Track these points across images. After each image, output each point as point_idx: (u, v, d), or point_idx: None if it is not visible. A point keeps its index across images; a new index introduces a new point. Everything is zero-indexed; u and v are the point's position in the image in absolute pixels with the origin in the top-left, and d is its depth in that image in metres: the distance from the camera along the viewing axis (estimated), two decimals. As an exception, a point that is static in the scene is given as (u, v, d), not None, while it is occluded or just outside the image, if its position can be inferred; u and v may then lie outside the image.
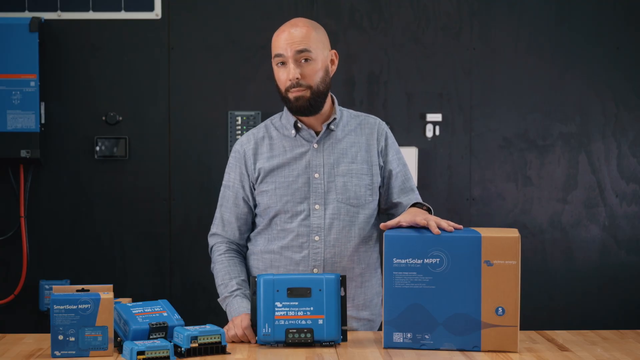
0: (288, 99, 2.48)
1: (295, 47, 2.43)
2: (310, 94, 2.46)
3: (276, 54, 2.47)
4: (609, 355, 2.19)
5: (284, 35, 2.46)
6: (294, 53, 2.44)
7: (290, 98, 2.47)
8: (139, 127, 4.01)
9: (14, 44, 3.85)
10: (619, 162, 4.09)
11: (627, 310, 4.09)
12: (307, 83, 2.45)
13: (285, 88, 2.47)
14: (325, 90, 2.50)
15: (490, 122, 4.07)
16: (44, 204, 4.00)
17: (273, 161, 2.53)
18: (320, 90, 2.48)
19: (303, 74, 2.44)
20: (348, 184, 2.51)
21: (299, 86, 2.44)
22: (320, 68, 2.47)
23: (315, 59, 2.46)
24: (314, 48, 2.46)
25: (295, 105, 2.47)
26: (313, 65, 2.46)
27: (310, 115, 2.51)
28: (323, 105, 2.52)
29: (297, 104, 2.47)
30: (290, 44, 2.44)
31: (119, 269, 4.02)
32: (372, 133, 2.58)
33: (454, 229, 2.25)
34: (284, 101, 2.51)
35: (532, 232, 4.08)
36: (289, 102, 2.48)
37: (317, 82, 2.47)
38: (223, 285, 2.52)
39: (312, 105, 2.47)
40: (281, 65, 2.47)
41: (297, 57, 2.44)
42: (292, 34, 2.45)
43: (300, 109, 2.48)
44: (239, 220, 2.58)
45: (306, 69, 2.45)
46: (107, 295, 2.13)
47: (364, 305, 2.56)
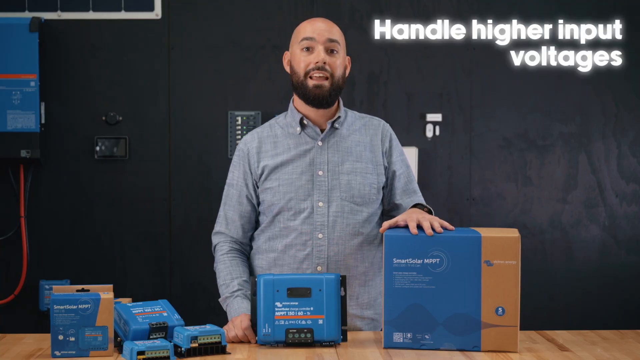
0: (306, 86, 2.48)
1: (328, 35, 2.48)
2: (330, 84, 2.47)
3: (304, 37, 2.48)
4: (609, 355, 2.19)
5: (316, 24, 2.50)
6: (326, 40, 2.47)
7: (310, 85, 2.47)
8: (139, 127, 4.02)
9: (14, 44, 3.85)
10: (619, 162, 4.09)
11: (627, 310, 4.09)
12: (331, 71, 2.47)
13: (307, 71, 2.47)
14: (341, 87, 2.53)
15: (490, 122, 4.07)
16: (44, 204, 4.00)
17: (277, 158, 2.53)
18: (339, 85, 2.51)
19: (329, 62, 2.47)
20: (352, 182, 2.51)
21: (323, 70, 2.46)
22: (341, 64, 2.51)
23: (340, 54, 2.51)
24: (341, 44, 2.52)
25: (314, 92, 2.47)
26: (338, 58, 2.50)
27: (322, 108, 2.50)
28: (335, 102, 2.53)
29: (316, 92, 2.47)
30: (324, 31, 2.48)
31: (119, 269, 4.02)
32: (376, 134, 2.58)
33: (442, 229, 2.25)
34: (299, 87, 2.49)
35: (532, 232, 4.09)
36: (306, 90, 2.48)
37: (339, 76, 2.50)
38: (224, 286, 2.52)
39: (330, 96, 2.48)
40: (306, 50, 2.48)
41: (327, 45, 2.48)
42: (326, 25, 2.50)
43: (318, 98, 2.47)
44: (242, 218, 2.58)
45: (332, 59, 2.48)
46: (107, 295, 2.13)
47: (368, 304, 2.56)
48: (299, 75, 2.49)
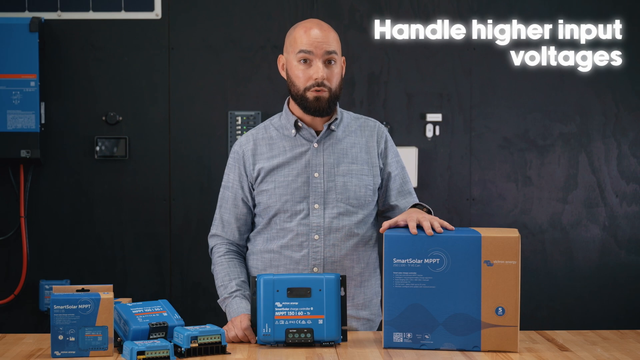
0: (306, 98, 2.47)
1: (325, 47, 2.44)
2: (329, 96, 2.46)
3: (302, 50, 2.44)
4: (609, 355, 2.19)
5: (314, 33, 2.44)
6: (324, 53, 2.44)
7: (309, 97, 2.46)
8: (139, 127, 4.02)
9: (14, 44, 3.85)
10: (619, 162, 4.09)
11: (627, 310, 4.09)
12: (329, 85, 2.46)
13: (306, 87, 2.46)
14: (339, 95, 2.51)
15: (490, 122, 4.07)
16: (44, 204, 4.00)
17: (273, 161, 2.53)
18: (337, 93, 2.50)
19: (327, 76, 2.45)
20: (348, 184, 2.51)
21: (322, 86, 2.45)
22: (339, 72, 2.50)
23: (338, 62, 2.49)
24: (338, 51, 2.48)
25: (314, 105, 2.46)
26: (336, 68, 2.48)
27: (321, 117, 2.51)
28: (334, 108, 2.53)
29: (316, 104, 2.46)
30: (321, 43, 2.43)
31: (119, 269, 4.02)
32: (372, 135, 2.58)
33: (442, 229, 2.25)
34: (298, 99, 2.48)
35: (532, 232, 4.09)
36: (306, 101, 2.47)
37: (336, 86, 2.49)
38: (223, 287, 2.52)
39: (329, 107, 2.48)
40: (304, 63, 2.45)
41: (326, 58, 2.45)
42: (322, 34, 2.45)
43: (318, 110, 2.47)
44: (238, 220, 2.58)
45: (331, 72, 2.46)
46: (107, 295, 2.13)
47: (364, 304, 2.56)
48: (298, 89, 2.48)
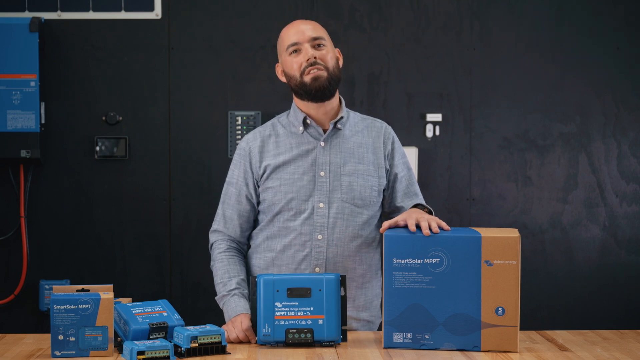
0: (304, 83, 2.49)
1: (310, 34, 2.50)
2: (327, 75, 2.49)
3: (290, 44, 2.50)
4: (609, 355, 2.19)
5: (295, 27, 2.52)
6: (309, 39, 2.50)
7: (307, 81, 2.48)
8: (139, 127, 4.01)
9: (14, 44, 3.85)
10: (619, 162, 4.09)
11: (627, 310, 4.09)
12: (325, 64, 2.49)
13: (302, 71, 2.48)
14: (339, 77, 2.54)
15: (490, 122, 4.07)
16: (44, 204, 4.00)
17: (279, 158, 2.53)
18: (336, 74, 2.52)
19: (319, 56, 2.49)
20: (354, 184, 2.51)
21: (316, 64, 2.47)
22: (332, 56, 2.53)
23: (327, 46, 2.52)
24: (325, 38, 2.53)
25: (314, 85, 2.48)
26: (327, 50, 2.51)
27: (325, 100, 2.50)
28: (336, 92, 2.54)
29: (316, 84, 2.47)
30: (305, 31, 2.50)
31: (119, 269, 4.02)
32: (379, 136, 2.59)
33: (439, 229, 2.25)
34: (299, 88, 2.50)
35: (532, 232, 4.08)
36: (306, 86, 2.49)
37: (333, 66, 2.51)
38: (222, 284, 2.52)
39: (330, 85, 2.49)
40: (294, 54, 2.50)
41: (312, 43, 2.50)
42: (305, 25, 2.53)
43: (319, 89, 2.48)
44: (240, 217, 2.58)
45: (321, 52, 2.50)
46: (107, 295, 2.13)
47: (364, 306, 2.56)
48: (295, 78, 2.50)
